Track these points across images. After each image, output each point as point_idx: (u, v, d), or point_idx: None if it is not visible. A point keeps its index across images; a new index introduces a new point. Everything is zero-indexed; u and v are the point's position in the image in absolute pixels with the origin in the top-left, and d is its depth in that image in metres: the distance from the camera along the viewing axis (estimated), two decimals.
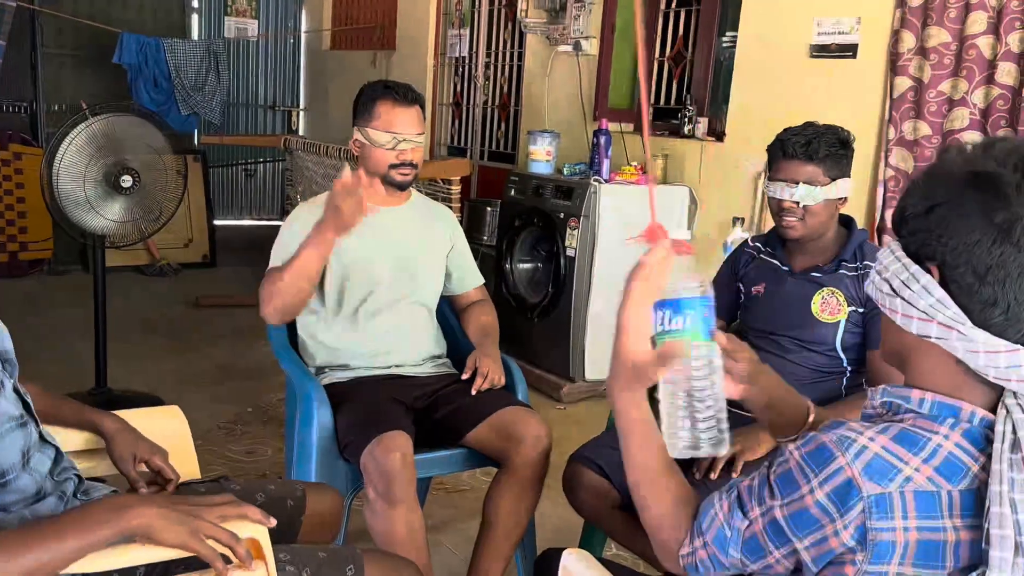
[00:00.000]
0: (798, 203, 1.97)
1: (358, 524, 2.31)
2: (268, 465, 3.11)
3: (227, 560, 1.11)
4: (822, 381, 2.01)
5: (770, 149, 2.04)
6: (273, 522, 1.18)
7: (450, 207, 3.95)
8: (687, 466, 1.92)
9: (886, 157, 3.34)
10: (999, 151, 0.90)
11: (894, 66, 3.29)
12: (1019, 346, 0.89)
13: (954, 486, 0.89)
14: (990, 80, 3.05)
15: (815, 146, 1.95)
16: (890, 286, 0.96)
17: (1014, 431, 0.88)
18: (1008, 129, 2.97)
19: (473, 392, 2.13)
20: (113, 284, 3.51)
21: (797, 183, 1.96)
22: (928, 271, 0.93)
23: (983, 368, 0.91)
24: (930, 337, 0.93)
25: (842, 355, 1.99)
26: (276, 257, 2.19)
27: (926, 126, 3.21)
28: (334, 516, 1.64)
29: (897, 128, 3.30)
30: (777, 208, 2.02)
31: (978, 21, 3.05)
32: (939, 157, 0.97)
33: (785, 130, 2.01)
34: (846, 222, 2.10)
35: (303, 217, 2.19)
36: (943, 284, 0.92)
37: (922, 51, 3.21)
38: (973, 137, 3.02)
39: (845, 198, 2.03)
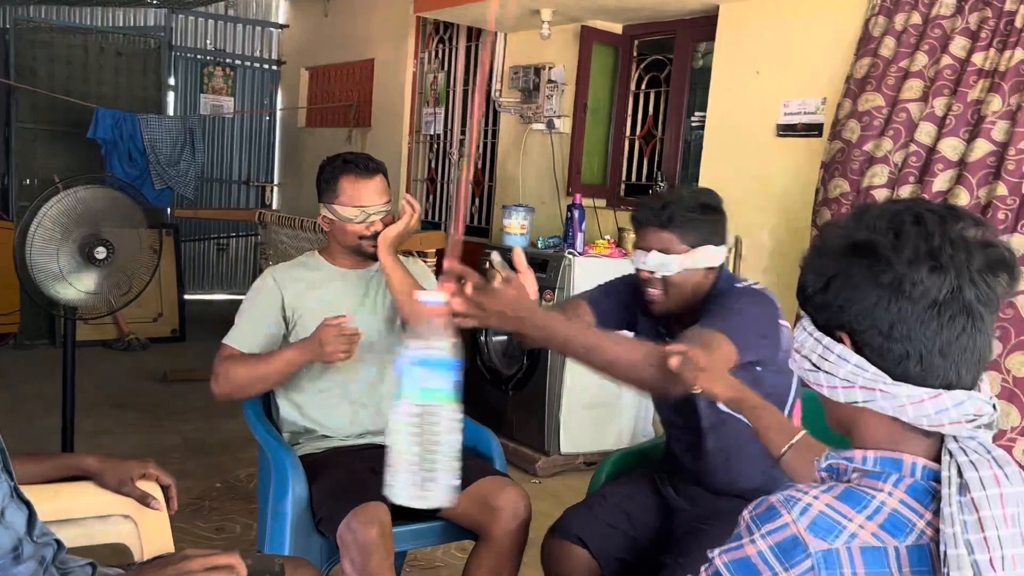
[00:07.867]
0: (653, 272, 1.80)
1: None
2: (237, 542, 3.02)
3: None
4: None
5: (631, 216, 1.90)
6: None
7: None
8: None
9: (815, 219, 3.35)
10: (868, 219, 0.96)
11: (833, 132, 3.35)
12: (940, 391, 0.92)
13: (900, 542, 0.90)
14: (911, 141, 3.08)
15: (669, 211, 1.77)
16: (810, 362, 1.00)
17: (960, 474, 0.90)
18: (916, 185, 3.00)
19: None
20: (80, 358, 3.44)
21: (650, 251, 1.80)
22: (840, 340, 0.97)
23: (916, 420, 0.93)
24: (857, 402, 0.96)
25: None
26: (236, 332, 2.18)
27: (845, 183, 3.22)
28: None
29: (825, 188, 3.31)
30: (639, 279, 1.85)
31: (913, 88, 3.12)
32: (821, 235, 1.03)
33: (649, 194, 1.91)
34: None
35: (268, 288, 2.21)
36: (857, 349, 0.96)
37: (856, 114, 3.25)
38: (881, 194, 3.06)
39: (713, 268, 1.83)
